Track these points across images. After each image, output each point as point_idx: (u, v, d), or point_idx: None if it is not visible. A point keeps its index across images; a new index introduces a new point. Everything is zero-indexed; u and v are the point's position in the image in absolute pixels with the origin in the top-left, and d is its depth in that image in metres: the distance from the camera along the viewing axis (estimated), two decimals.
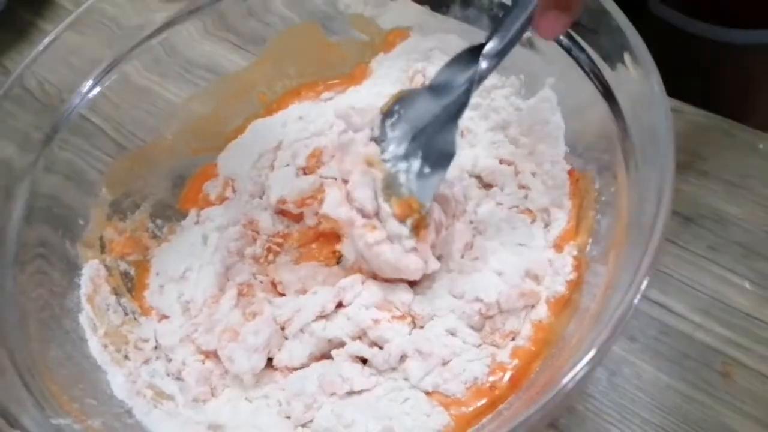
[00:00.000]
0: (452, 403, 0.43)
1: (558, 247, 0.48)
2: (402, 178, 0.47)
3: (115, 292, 0.51)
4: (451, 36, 0.57)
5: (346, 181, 0.48)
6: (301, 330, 0.47)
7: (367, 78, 0.60)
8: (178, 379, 0.48)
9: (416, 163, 0.47)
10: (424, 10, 0.58)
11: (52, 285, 0.49)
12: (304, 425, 0.44)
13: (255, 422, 0.45)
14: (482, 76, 0.45)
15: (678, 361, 0.47)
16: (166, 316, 0.51)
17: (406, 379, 0.44)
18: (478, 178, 0.53)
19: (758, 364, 0.46)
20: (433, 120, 0.47)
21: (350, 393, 0.44)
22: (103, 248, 0.53)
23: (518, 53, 0.52)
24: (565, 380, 0.32)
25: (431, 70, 0.57)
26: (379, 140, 0.48)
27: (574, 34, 0.48)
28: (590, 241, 0.46)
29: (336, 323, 0.46)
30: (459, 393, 0.43)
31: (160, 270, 0.53)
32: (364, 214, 0.46)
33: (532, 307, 0.46)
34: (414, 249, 0.46)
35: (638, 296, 0.33)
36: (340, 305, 0.47)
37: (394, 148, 0.48)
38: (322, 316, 0.47)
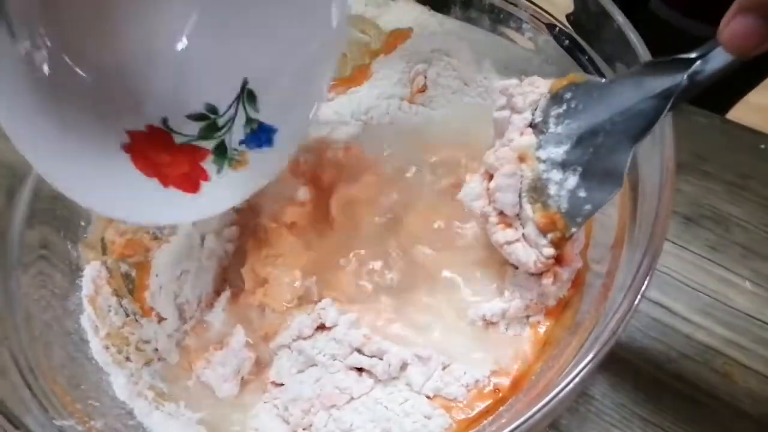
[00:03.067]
0: (453, 406, 0.43)
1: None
2: (552, 189, 0.41)
3: (117, 293, 0.51)
4: (452, 37, 0.57)
5: (490, 175, 0.44)
6: (288, 347, 0.47)
7: (368, 80, 0.60)
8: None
9: (572, 180, 0.40)
10: (425, 11, 0.58)
11: (54, 286, 0.49)
12: (303, 429, 0.44)
13: (255, 424, 0.45)
14: (682, 94, 0.35)
15: (678, 361, 0.47)
16: (163, 318, 0.51)
17: (407, 385, 0.44)
18: None
19: (758, 364, 0.46)
20: (606, 128, 0.39)
21: (350, 400, 0.44)
22: (104, 249, 0.53)
23: (518, 53, 0.53)
24: (566, 381, 0.32)
25: (432, 72, 0.57)
26: (538, 129, 0.42)
27: (575, 35, 0.48)
28: (590, 242, 0.46)
29: (324, 344, 0.46)
30: (460, 396, 0.43)
31: (159, 271, 0.53)
32: (500, 214, 0.43)
33: None
34: (551, 260, 0.42)
35: (639, 297, 0.33)
36: (322, 327, 0.47)
37: (552, 148, 0.41)
38: (303, 338, 0.46)
